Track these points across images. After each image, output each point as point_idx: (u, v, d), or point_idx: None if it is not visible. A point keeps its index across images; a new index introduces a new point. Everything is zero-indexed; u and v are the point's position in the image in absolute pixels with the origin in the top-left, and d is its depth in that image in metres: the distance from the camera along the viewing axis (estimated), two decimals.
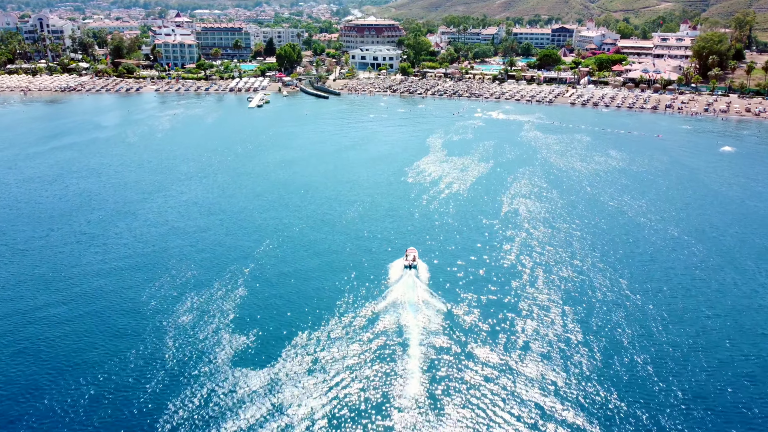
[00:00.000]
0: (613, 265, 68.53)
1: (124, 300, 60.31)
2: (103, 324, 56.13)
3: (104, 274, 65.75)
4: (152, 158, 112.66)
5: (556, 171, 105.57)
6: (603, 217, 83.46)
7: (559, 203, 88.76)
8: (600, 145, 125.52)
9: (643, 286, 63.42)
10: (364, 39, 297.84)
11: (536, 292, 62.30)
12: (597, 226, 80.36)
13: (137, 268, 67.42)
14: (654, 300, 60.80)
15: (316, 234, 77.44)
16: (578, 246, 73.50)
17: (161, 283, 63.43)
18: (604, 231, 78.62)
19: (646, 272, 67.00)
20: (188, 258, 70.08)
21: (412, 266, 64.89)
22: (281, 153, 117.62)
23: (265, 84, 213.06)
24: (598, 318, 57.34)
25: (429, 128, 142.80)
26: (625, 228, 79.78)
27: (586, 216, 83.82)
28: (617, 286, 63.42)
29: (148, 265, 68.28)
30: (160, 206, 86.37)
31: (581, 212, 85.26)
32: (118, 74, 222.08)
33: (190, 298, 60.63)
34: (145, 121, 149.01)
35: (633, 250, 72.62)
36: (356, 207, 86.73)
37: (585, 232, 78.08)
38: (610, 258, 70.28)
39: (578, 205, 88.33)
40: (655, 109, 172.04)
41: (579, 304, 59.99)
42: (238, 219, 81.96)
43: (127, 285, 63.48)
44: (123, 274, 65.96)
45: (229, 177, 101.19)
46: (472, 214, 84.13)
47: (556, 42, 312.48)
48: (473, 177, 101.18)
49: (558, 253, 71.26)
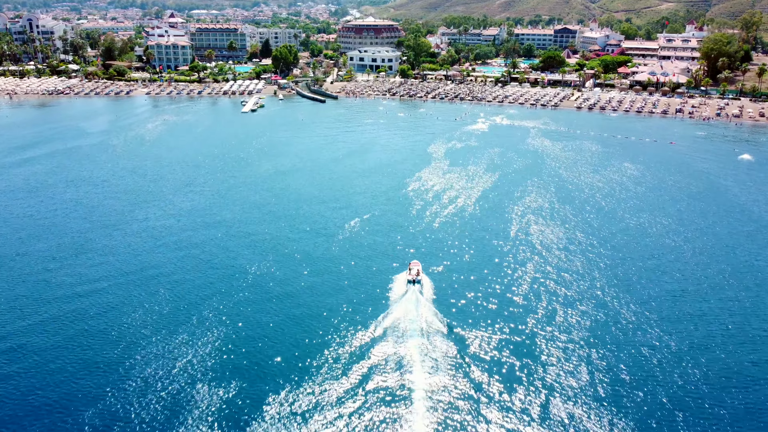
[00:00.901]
0: (638, 295, 61.66)
1: (97, 330, 53.76)
2: (69, 359, 49.79)
3: (75, 298, 59.23)
4: (135, 169, 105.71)
5: (567, 184, 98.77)
6: (623, 238, 76.65)
7: (572, 220, 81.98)
8: (612, 154, 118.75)
9: (675, 327, 56.31)
10: (362, 40, 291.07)
11: (551, 321, 55.65)
12: (616, 247, 73.54)
13: (113, 292, 61.26)
14: (690, 343, 53.99)
15: (311, 250, 71.51)
16: (596, 269, 66.72)
17: (141, 309, 57.06)
18: (625, 254, 71.81)
19: (676, 307, 59.98)
20: (171, 280, 63.83)
21: (415, 281, 61.07)
22: (274, 162, 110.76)
23: (260, 87, 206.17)
24: (626, 360, 50.54)
25: (430, 134, 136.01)
26: (648, 251, 72.93)
27: (603, 235, 77.03)
28: (645, 324, 56.58)
29: (127, 288, 61.97)
30: (140, 224, 79.47)
31: (597, 230, 78.48)
32: (109, 77, 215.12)
33: (174, 324, 54.62)
34: (132, 127, 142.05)
35: (659, 278, 65.60)
36: (354, 222, 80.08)
37: (603, 254, 71.25)
38: (633, 287, 63.46)
39: (593, 222, 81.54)
40: (665, 114, 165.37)
41: (602, 341, 53.19)
42: (226, 236, 75.15)
43: (101, 311, 57.25)
44: (97, 298, 59.71)
45: (218, 190, 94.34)
46: (478, 230, 77.37)
47: (558, 43, 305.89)
48: (479, 190, 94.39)
49: (573, 277, 64.51)
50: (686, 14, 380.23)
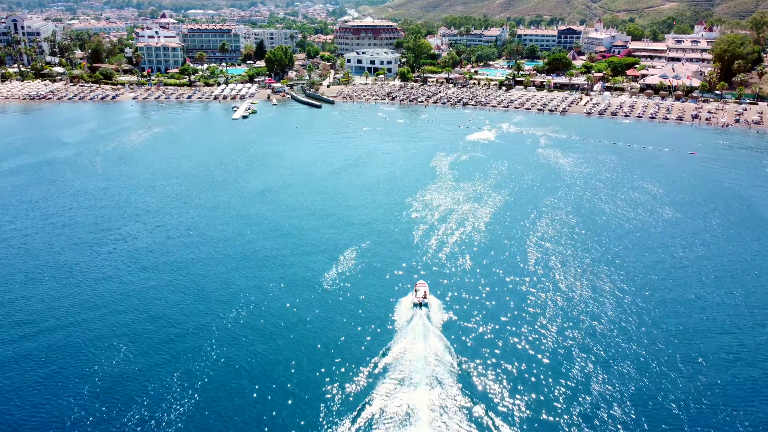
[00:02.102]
0: (682, 352, 52.45)
1: (58, 380, 44.49)
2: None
3: (25, 340, 49.87)
4: (110, 186, 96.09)
5: (584, 203, 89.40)
6: (655, 274, 67.37)
7: (593, 248, 72.68)
8: (630, 168, 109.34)
9: (732, 393, 47.22)
10: (360, 41, 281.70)
11: (575, 369, 46.84)
12: (649, 284, 64.30)
13: (79, 330, 53.12)
14: (758, 419, 44.82)
15: (307, 274, 64.74)
16: (622, 307, 57.52)
17: (104, 361, 48.62)
18: (661, 293, 62.57)
19: (731, 370, 50.62)
20: (143, 320, 55.52)
21: (422, 304, 56.86)
22: (263, 178, 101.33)
23: (254, 91, 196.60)
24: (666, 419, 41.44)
25: (433, 144, 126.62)
26: (689, 291, 63.66)
27: (632, 268, 67.75)
28: (692, 391, 47.34)
29: (96, 327, 53.66)
30: (107, 255, 70.13)
31: (623, 261, 69.19)
32: (95, 80, 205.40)
33: (161, 355, 47.42)
34: (112, 137, 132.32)
35: (706, 330, 56.15)
36: (353, 244, 71.75)
37: (633, 291, 62.02)
38: (670, 331, 54.28)
39: (618, 251, 72.22)
40: (680, 120, 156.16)
41: (637, 397, 44.02)
42: (206, 270, 65.87)
43: (56, 361, 48.49)
44: (58, 335, 50.85)
45: (198, 212, 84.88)
46: (489, 254, 68.21)
47: (562, 44, 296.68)
48: (489, 211, 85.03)
49: (600, 312, 55.31)
50: (693, 14, 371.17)
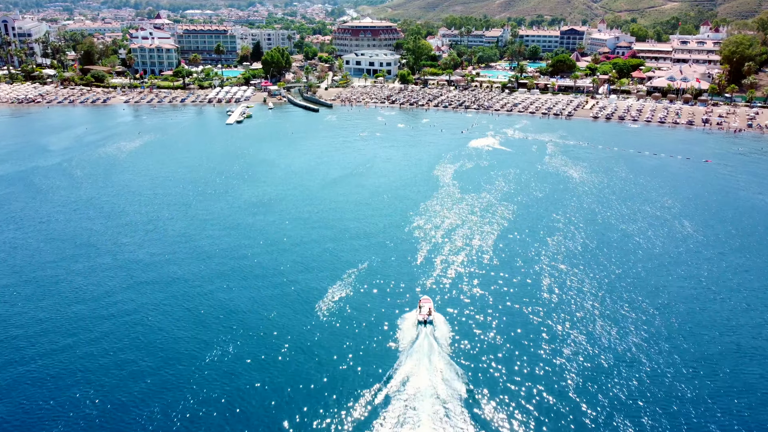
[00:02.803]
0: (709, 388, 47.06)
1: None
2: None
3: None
4: (92, 198, 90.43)
5: (597, 219, 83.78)
6: (680, 298, 61.92)
7: (611, 269, 67.18)
8: (643, 178, 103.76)
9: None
10: (359, 42, 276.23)
11: (592, 391, 41.37)
12: (673, 308, 58.88)
13: (38, 372, 46.85)
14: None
15: (305, 292, 58.81)
16: (643, 336, 52.08)
17: (79, 396, 43.10)
18: (686, 319, 57.14)
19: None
20: (126, 347, 50.53)
21: (427, 321, 53.89)
22: (255, 189, 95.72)
23: (249, 94, 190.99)
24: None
25: (435, 151, 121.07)
26: (718, 319, 58.23)
27: (654, 292, 62.29)
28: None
29: (57, 364, 47.89)
30: (86, 273, 64.60)
31: (644, 285, 63.71)
32: (86, 83, 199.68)
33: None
34: (100, 144, 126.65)
35: (747, 368, 50.94)
36: (352, 262, 65.97)
37: (657, 316, 56.56)
38: (699, 364, 48.87)
39: (638, 273, 66.75)
40: (690, 125, 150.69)
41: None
42: (194, 290, 60.40)
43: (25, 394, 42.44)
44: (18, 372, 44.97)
45: (185, 227, 79.27)
46: (498, 274, 62.66)
47: (565, 45, 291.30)
48: (497, 227, 79.48)
49: (620, 347, 49.85)
50: (697, 14, 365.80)
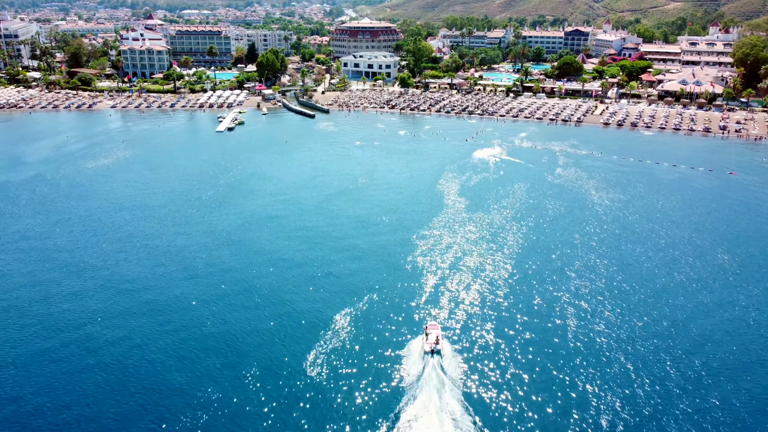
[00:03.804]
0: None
1: None
2: None
3: None
4: (58, 223, 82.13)
5: (621, 244, 75.50)
6: (723, 346, 53.89)
7: (637, 305, 59.17)
8: (666, 194, 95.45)
9: None
10: (357, 44, 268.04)
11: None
12: (718, 358, 50.87)
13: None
14: None
15: (300, 329, 51.78)
16: (680, 386, 44.11)
17: None
18: (738, 376, 49.12)
19: None
20: (108, 390, 43.37)
21: (434, 351, 49.98)
22: (244, 207, 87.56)
23: (242, 98, 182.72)
24: None
25: (438, 163, 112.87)
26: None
27: (692, 334, 54.29)
28: None
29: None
30: (43, 317, 56.47)
31: (680, 325, 55.69)
32: (72, 87, 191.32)
33: None
34: (79, 154, 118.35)
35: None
36: (352, 290, 58.25)
37: (705, 378, 48.59)
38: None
39: (670, 313, 58.71)
40: (707, 132, 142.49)
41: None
42: (181, 322, 52.18)
43: None
44: None
45: (162, 253, 71.15)
46: (510, 301, 54.75)
47: (570, 46, 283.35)
48: (507, 249, 71.40)
49: (654, 394, 41.88)
50: (704, 14, 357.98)
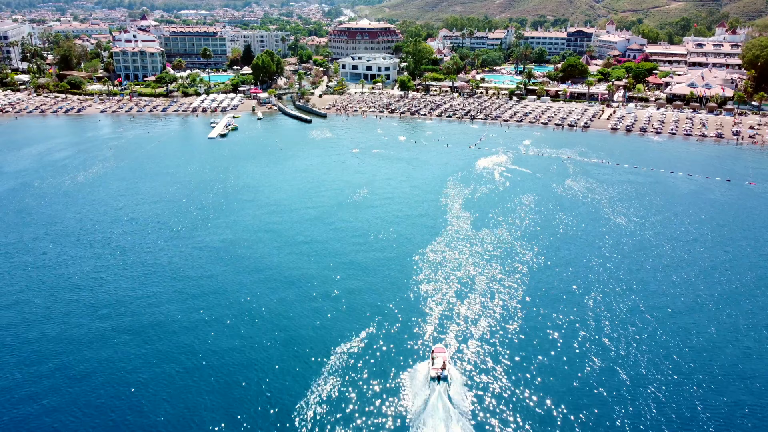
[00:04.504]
0: None
1: None
2: None
3: None
4: (30, 242, 76.44)
5: (641, 269, 69.56)
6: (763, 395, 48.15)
7: (662, 338, 53.37)
8: (683, 208, 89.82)
9: None
10: (356, 45, 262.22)
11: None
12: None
13: None
14: None
15: (296, 357, 43.80)
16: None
17: None
18: None
19: None
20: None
21: (440, 377, 46.80)
22: (232, 223, 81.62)
23: (237, 102, 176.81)
24: None
25: (441, 172, 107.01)
26: None
27: (732, 379, 48.55)
28: None
29: None
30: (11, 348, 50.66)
31: (718, 370, 49.94)
32: (61, 90, 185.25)
33: None
34: (61, 164, 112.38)
35: None
36: (351, 313, 51.92)
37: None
38: None
39: (707, 358, 52.96)
40: (719, 138, 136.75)
41: None
42: (159, 354, 46.32)
43: None
44: None
45: (144, 273, 65.27)
46: (523, 323, 49.00)
47: (572, 47, 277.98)
48: (519, 269, 65.59)
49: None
50: (708, 14, 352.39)
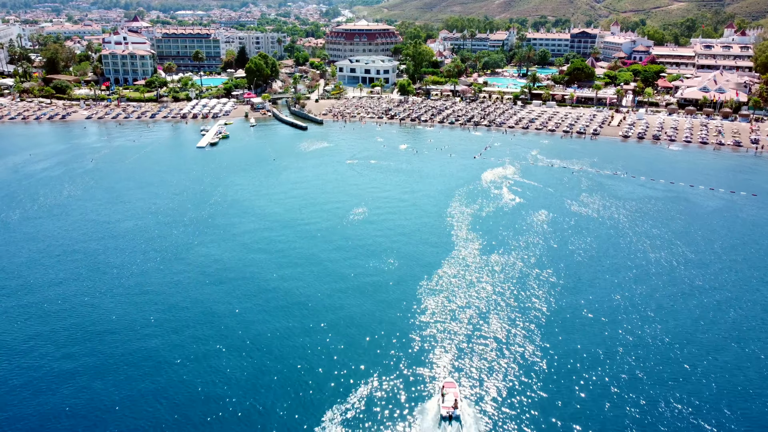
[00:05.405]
0: None
1: None
2: None
3: None
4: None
5: (675, 301, 62.65)
6: None
7: (700, 380, 46.19)
8: (710, 229, 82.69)
9: None
10: (354, 47, 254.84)
11: None
12: None
13: None
14: None
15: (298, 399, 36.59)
16: None
17: None
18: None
19: None
20: None
21: (452, 417, 43.38)
22: (218, 247, 74.31)
23: (229, 108, 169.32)
24: None
25: (445, 187, 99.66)
26: None
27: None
28: None
29: None
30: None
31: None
32: (46, 95, 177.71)
33: None
34: (40, 176, 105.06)
35: None
36: (354, 350, 44.41)
37: None
38: None
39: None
40: (737, 146, 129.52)
41: None
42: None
43: None
44: None
45: (116, 305, 57.95)
46: (539, 358, 41.92)
47: (576, 49, 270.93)
48: (536, 305, 58.30)
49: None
50: (713, 15, 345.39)
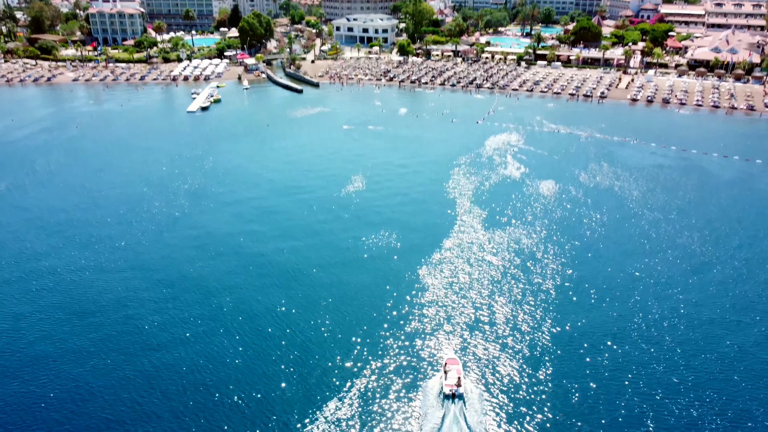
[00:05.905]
0: None
1: None
2: None
3: None
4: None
5: (692, 280, 59.01)
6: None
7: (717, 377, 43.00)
8: (731, 202, 78.29)
9: None
10: (351, 5, 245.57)
11: None
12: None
13: None
14: None
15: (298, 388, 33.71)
16: None
17: None
18: None
19: None
20: None
21: (455, 395, 40.69)
22: (206, 224, 70.28)
23: (222, 69, 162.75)
24: None
25: (446, 154, 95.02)
26: None
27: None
28: None
29: None
30: None
31: None
32: (31, 56, 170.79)
33: None
34: (19, 144, 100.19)
35: None
36: (354, 328, 41.35)
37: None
38: None
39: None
40: (751, 110, 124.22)
41: None
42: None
43: None
44: None
45: (92, 295, 54.39)
46: (549, 332, 38.83)
47: (582, 7, 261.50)
48: (543, 280, 54.71)
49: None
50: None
